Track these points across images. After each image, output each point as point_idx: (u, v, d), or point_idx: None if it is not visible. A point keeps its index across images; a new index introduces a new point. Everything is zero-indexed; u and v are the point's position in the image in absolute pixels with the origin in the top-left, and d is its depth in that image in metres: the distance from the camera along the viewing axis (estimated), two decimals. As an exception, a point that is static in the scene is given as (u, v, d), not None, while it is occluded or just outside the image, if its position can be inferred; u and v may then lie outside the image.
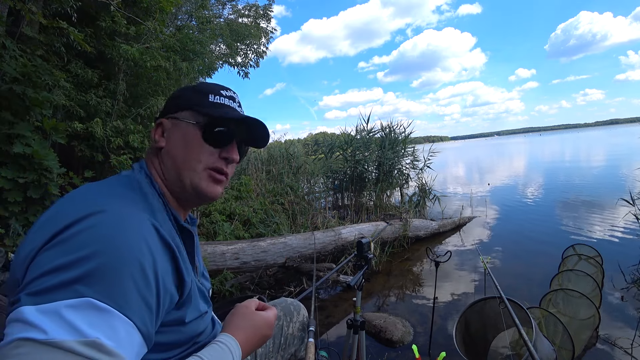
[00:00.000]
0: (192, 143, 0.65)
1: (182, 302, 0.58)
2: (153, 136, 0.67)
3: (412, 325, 2.39)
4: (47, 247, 0.45)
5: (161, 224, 0.56)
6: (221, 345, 0.61)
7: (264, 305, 0.75)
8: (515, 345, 1.83)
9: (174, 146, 0.65)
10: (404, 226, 4.08)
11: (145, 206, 0.57)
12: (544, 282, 2.47)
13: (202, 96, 0.67)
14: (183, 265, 0.57)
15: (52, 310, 0.39)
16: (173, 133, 0.66)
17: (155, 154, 0.67)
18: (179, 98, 0.68)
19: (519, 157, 21.46)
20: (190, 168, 0.64)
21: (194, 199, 0.67)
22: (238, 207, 3.84)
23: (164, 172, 0.66)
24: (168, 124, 0.66)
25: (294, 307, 1.11)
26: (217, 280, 2.68)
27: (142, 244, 0.49)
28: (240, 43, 6.70)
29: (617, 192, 6.01)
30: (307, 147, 7.64)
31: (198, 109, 0.65)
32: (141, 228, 0.51)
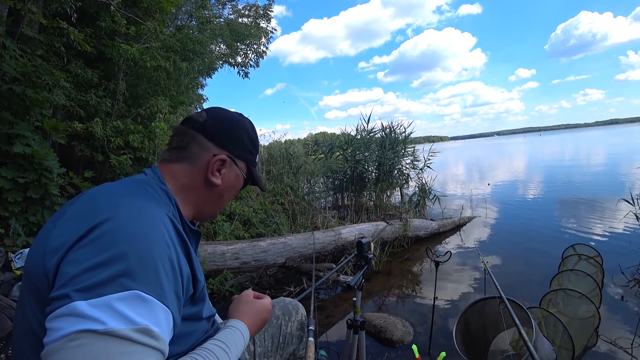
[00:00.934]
0: (236, 189, 0.77)
1: (197, 298, 0.63)
2: (210, 169, 0.70)
3: (412, 325, 2.39)
4: (83, 244, 0.47)
5: (176, 218, 0.61)
6: (233, 329, 0.70)
7: (259, 294, 0.86)
8: (515, 345, 1.84)
9: (226, 188, 0.74)
10: (404, 226, 4.08)
11: (162, 202, 0.61)
12: (544, 282, 2.47)
13: (254, 152, 0.78)
14: (196, 263, 0.61)
15: (104, 303, 0.43)
16: (228, 176, 0.73)
17: (201, 185, 0.70)
18: (240, 142, 0.75)
19: (518, 157, 21.47)
20: (227, 202, 0.78)
21: (213, 217, 0.81)
22: (238, 207, 3.84)
23: (202, 202, 0.72)
24: (228, 165, 0.72)
25: (292, 307, 1.11)
26: (217, 280, 2.68)
27: (167, 238, 0.53)
28: (240, 43, 6.70)
29: (617, 192, 6.01)
30: (307, 147, 7.64)
31: (250, 164, 0.77)
32: (163, 222, 0.55)
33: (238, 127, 0.75)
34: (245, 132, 0.75)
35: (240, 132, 0.74)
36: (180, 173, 0.69)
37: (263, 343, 0.98)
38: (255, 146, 0.78)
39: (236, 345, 0.66)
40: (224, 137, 0.72)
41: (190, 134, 0.70)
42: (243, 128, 0.75)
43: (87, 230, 0.48)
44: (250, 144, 0.76)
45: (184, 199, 0.69)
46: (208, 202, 0.73)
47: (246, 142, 0.75)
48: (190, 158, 0.69)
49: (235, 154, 0.73)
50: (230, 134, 0.73)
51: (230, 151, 0.72)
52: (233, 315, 0.76)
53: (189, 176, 0.69)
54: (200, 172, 0.70)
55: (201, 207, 0.73)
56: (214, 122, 0.72)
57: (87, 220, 0.50)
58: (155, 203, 0.58)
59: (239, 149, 0.74)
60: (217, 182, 0.70)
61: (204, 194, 0.72)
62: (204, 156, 0.69)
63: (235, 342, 0.67)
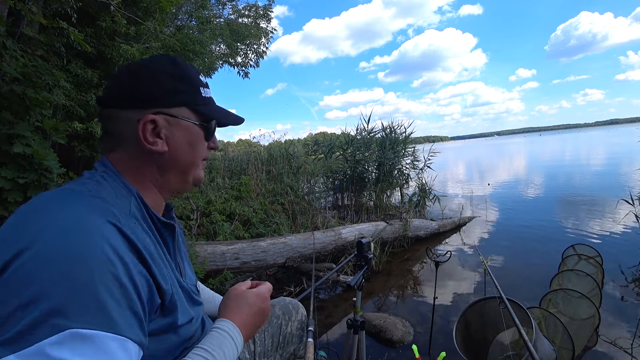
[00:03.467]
0: (197, 144, 0.63)
1: (167, 308, 0.55)
2: (144, 139, 0.57)
3: (412, 325, 2.39)
4: (2, 281, 0.40)
5: (125, 223, 0.50)
6: (219, 331, 0.61)
7: (256, 283, 0.77)
8: (515, 345, 1.83)
9: (180, 151, 0.61)
10: (404, 226, 4.08)
11: (104, 208, 0.49)
12: (544, 282, 2.47)
13: (194, 90, 0.62)
14: (157, 270, 0.52)
15: (36, 353, 0.36)
16: (175, 135, 0.60)
17: (148, 158, 0.59)
18: (160, 88, 0.59)
19: (519, 157, 21.46)
20: (195, 166, 0.65)
21: (188, 188, 0.67)
22: (238, 207, 3.84)
23: (164, 178, 0.62)
24: (163, 122, 0.58)
25: (293, 306, 1.11)
26: (217, 280, 2.68)
27: (109, 253, 0.44)
28: (241, 43, 6.71)
29: (617, 192, 6.01)
30: (307, 147, 7.64)
31: (195, 107, 0.62)
32: (101, 234, 0.45)
33: (148, 73, 0.59)
34: (161, 71, 0.59)
35: (153, 77, 0.59)
36: (123, 160, 0.59)
37: (263, 342, 0.97)
38: (187, 80, 0.62)
39: (223, 350, 0.58)
40: (137, 94, 0.58)
41: (106, 114, 0.59)
42: (155, 69, 0.59)
43: (5, 263, 0.41)
44: (175, 81, 0.60)
45: (144, 185, 0.60)
46: (171, 175, 0.62)
47: (169, 83, 0.59)
48: (121, 139, 0.59)
49: (163, 104, 0.58)
50: (141, 87, 0.58)
51: (154, 105, 0.58)
52: (221, 313, 0.67)
53: (132, 159, 0.59)
54: (138, 148, 0.58)
55: (168, 184, 0.63)
56: (118, 86, 0.59)
57: (6, 250, 0.42)
58: (96, 210, 0.48)
59: (163, 97, 0.59)
60: (162, 149, 0.58)
61: (159, 168, 0.61)
62: (130, 129, 0.57)
63: (221, 346, 0.59)
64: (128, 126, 0.58)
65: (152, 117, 0.57)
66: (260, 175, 5.34)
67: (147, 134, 0.57)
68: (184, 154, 0.62)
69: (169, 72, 0.60)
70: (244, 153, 6.61)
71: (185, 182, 0.65)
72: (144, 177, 0.60)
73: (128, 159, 0.59)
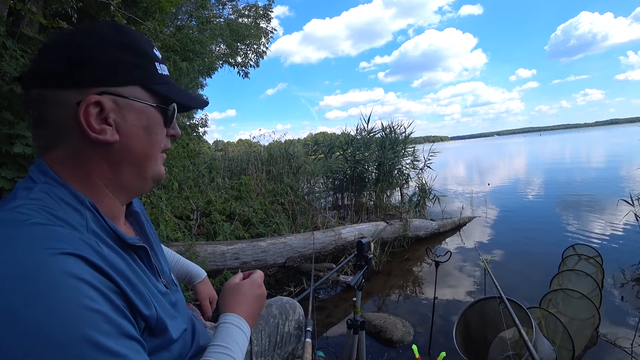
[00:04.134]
0: (155, 131, 0.52)
1: (156, 330, 0.50)
2: (86, 126, 0.45)
3: (412, 325, 2.39)
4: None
5: (85, 248, 0.41)
6: (227, 325, 0.63)
7: (248, 273, 0.78)
8: (515, 345, 1.83)
9: (134, 139, 0.49)
10: (404, 226, 4.08)
11: (52, 236, 0.39)
12: (544, 282, 2.47)
13: (148, 64, 0.50)
14: (135, 296, 0.45)
15: None
16: (127, 119, 0.48)
17: (95, 153, 0.48)
18: (106, 62, 0.46)
19: (519, 157, 21.46)
20: (153, 158, 0.53)
21: (147, 188, 0.56)
22: (238, 207, 3.84)
23: (115, 173, 0.50)
24: (111, 104, 0.46)
25: (290, 306, 1.10)
26: (217, 281, 2.68)
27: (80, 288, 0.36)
28: (241, 43, 6.71)
29: (617, 192, 6.01)
30: (307, 147, 7.64)
31: (150, 86, 0.50)
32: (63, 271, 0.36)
33: (87, 40, 0.46)
34: (104, 39, 0.46)
35: (95, 46, 0.46)
36: (66, 160, 0.47)
37: (260, 342, 0.97)
38: (138, 52, 0.49)
39: (236, 341, 0.61)
40: (73, 69, 0.45)
41: (34, 97, 0.46)
42: (96, 36, 0.47)
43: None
44: (124, 52, 0.47)
45: (96, 190, 0.49)
46: (124, 171, 0.51)
47: (115, 55, 0.47)
48: (58, 131, 0.46)
49: (109, 82, 0.46)
50: (78, 58, 0.45)
51: (98, 83, 0.46)
52: (223, 309, 0.69)
53: (76, 156, 0.47)
54: (82, 140, 0.46)
55: (122, 183, 0.52)
56: (48, 60, 0.45)
57: None
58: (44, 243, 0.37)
59: (109, 73, 0.46)
60: (112, 138, 0.47)
61: (109, 164, 0.49)
62: (68, 116, 0.45)
63: (235, 338, 0.61)
64: (66, 112, 0.45)
65: (96, 98, 0.45)
66: (260, 175, 5.34)
67: (91, 120, 0.45)
68: (140, 142, 0.50)
69: (114, 41, 0.47)
70: (244, 153, 6.61)
71: (143, 179, 0.54)
72: (93, 180, 0.49)
73: (72, 158, 0.47)
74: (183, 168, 3.92)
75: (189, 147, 4.15)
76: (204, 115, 7.86)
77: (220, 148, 9.36)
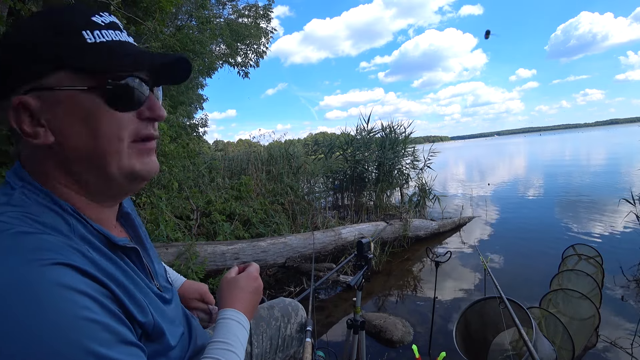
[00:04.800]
0: (96, 119, 0.43)
1: (152, 335, 0.48)
2: (20, 128, 0.41)
3: (412, 325, 2.39)
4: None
5: (73, 255, 0.39)
6: (226, 320, 0.64)
7: (243, 267, 0.78)
8: (515, 345, 1.83)
9: (73, 135, 0.42)
10: (404, 226, 4.08)
11: (40, 245, 0.37)
12: (544, 282, 2.47)
13: (72, 38, 0.41)
14: (130, 302, 0.44)
15: None
16: (56, 114, 0.41)
17: (48, 157, 0.44)
18: (20, 47, 0.40)
19: (519, 157, 21.47)
20: (112, 153, 0.44)
21: (127, 188, 0.50)
22: (238, 207, 3.84)
23: (76, 176, 0.45)
24: (36, 103, 0.41)
25: (292, 308, 1.08)
26: (217, 280, 2.68)
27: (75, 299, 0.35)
28: (241, 43, 6.71)
29: (617, 192, 6.01)
30: (307, 147, 7.64)
31: (78, 63, 0.41)
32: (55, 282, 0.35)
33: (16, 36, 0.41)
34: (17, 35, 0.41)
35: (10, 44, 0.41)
36: (30, 164, 0.45)
37: (261, 344, 0.95)
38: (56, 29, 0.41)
39: (237, 336, 0.62)
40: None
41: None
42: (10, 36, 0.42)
43: None
44: (41, 36, 0.40)
45: (68, 195, 0.45)
46: (83, 173, 0.45)
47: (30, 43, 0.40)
48: (15, 135, 0.43)
49: (27, 76, 0.40)
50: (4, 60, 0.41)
51: (20, 82, 0.41)
52: (221, 304, 0.69)
53: (34, 161, 0.45)
54: (27, 143, 0.43)
55: (87, 186, 0.46)
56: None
57: None
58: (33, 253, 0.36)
59: (26, 65, 0.40)
60: (46, 141, 0.42)
61: (66, 169, 0.44)
62: (9, 121, 0.42)
63: (235, 333, 0.62)
64: (7, 118, 0.42)
65: (18, 99, 0.40)
66: (260, 175, 5.34)
67: (23, 125, 0.41)
68: (81, 138, 0.43)
69: (30, 27, 0.41)
70: (244, 153, 6.61)
71: (107, 179, 0.46)
72: (59, 184, 0.45)
73: (33, 163, 0.45)
74: (183, 168, 3.92)
75: (189, 147, 4.14)
76: (204, 115, 7.87)
77: (220, 148, 9.36)
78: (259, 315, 0.99)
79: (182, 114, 5.53)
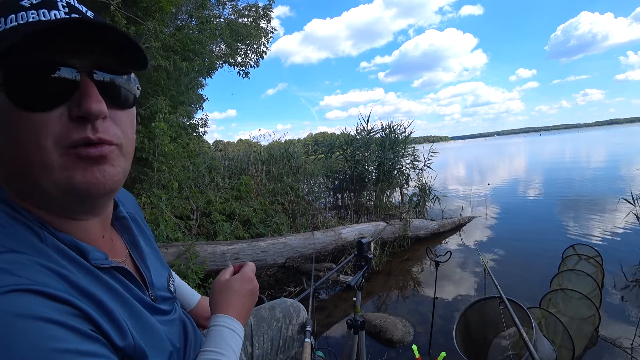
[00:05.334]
0: (7, 124, 0.36)
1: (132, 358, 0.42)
2: None
3: (412, 325, 2.39)
4: None
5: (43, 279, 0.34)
6: (218, 328, 0.60)
7: (239, 266, 0.73)
8: (515, 345, 1.83)
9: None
10: (404, 226, 4.08)
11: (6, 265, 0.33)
12: (544, 282, 2.47)
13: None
14: (108, 325, 0.39)
15: None
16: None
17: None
18: None
19: (519, 157, 21.47)
20: (35, 164, 0.37)
21: (81, 206, 0.42)
22: (238, 207, 3.84)
23: (18, 189, 0.40)
24: None
25: (294, 309, 1.07)
26: (217, 280, 2.68)
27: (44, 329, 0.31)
28: (241, 43, 6.71)
29: (617, 192, 6.01)
30: (307, 147, 7.64)
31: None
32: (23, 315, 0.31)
33: None
34: None
35: None
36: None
37: (262, 345, 0.94)
38: None
39: (229, 345, 0.58)
40: None
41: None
42: None
43: None
44: None
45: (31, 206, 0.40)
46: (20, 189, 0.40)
47: None
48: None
49: None
50: None
51: None
52: (212, 309, 0.64)
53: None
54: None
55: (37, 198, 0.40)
56: None
57: None
58: None
59: None
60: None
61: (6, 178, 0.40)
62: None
63: (228, 342, 0.58)
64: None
65: None
66: (260, 175, 5.34)
67: None
68: (6, 148, 0.37)
69: None
70: (244, 153, 6.61)
71: (48, 196, 0.39)
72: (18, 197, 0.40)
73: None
74: (183, 168, 3.92)
75: (189, 147, 4.15)
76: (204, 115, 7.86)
77: (220, 148, 9.37)
78: (260, 316, 0.98)
79: (182, 114, 5.52)
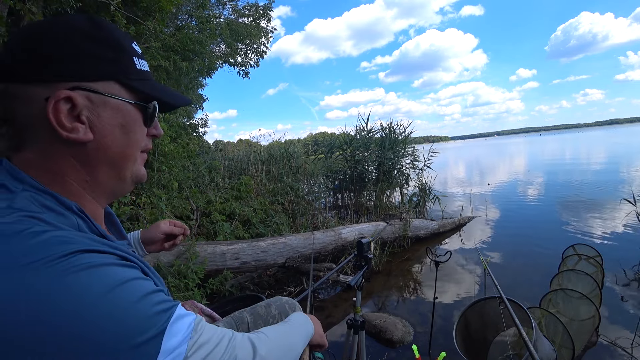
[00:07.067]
0: (134, 130, 0.49)
1: None
2: (56, 123, 0.41)
3: (412, 325, 2.39)
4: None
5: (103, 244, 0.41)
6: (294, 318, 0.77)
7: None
8: (515, 345, 1.83)
9: (110, 138, 0.46)
10: (404, 226, 4.08)
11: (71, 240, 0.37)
12: (544, 282, 2.47)
13: (125, 59, 0.47)
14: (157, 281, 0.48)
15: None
16: (102, 117, 0.44)
17: (66, 153, 0.44)
18: (79, 54, 0.43)
19: (519, 157, 21.47)
20: (132, 158, 0.50)
21: (127, 190, 0.54)
22: (238, 207, 3.84)
23: (91, 174, 0.46)
24: (83, 101, 0.43)
25: (289, 306, 1.08)
26: (217, 281, 2.68)
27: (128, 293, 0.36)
28: (241, 43, 6.71)
29: (617, 192, 6.02)
30: (307, 147, 7.65)
31: (127, 82, 0.47)
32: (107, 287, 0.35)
33: (59, 32, 0.42)
34: (77, 31, 0.43)
35: (67, 38, 0.42)
36: (37, 162, 0.43)
37: None
38: (114, 45, 0.46)
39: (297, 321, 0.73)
40: (42, 61, 0.41)
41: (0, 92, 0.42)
42: (68, 29, 0.43)
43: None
44: (98, 46, 0.44)
45: (77, 195, 0.46)
46: (101, 172, 0.47)
47: (89, 48, 0.43)
48: (27, 130, 0.43)
49: (82, 76, 0.43)
50: (47, 50, 0.41)
51: (69, 77, 0.42)
52: None
53: (48, 157, 0.44)
54: (50, 139, 0.42)
55: (100, 185, 0.48)
56: (15, 51, 0.42)
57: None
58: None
59: (82, 67, 0.43)
60: (85, 137, 0.43)
61: (83, 165, 0.45)
62: (36, 113, 0.41)
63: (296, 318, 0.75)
64: (33, 108, 0.41)
65: (67, 93, 0.41)
66: (260, 175, 5.34)
67: (61, 117, 0.41)
68: (116, 141, 0.47)
69: (88, 33, 0.44)
70: (244, 153, 6.62)
71: (122, 180, 0.50)
72: (70, 183, 0.45)
73: (44, 160, 0.43)
74: (183, 168, 3.92)
75: (188, 147, 4.15)
76: (204, 115, 7.86)
77: (220, 148, 9.37)
78: (256, 313, 0.99)
79: (182, 114, 5.53)
